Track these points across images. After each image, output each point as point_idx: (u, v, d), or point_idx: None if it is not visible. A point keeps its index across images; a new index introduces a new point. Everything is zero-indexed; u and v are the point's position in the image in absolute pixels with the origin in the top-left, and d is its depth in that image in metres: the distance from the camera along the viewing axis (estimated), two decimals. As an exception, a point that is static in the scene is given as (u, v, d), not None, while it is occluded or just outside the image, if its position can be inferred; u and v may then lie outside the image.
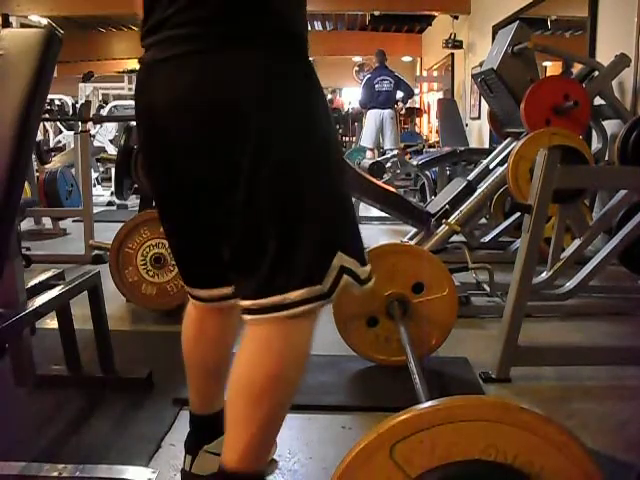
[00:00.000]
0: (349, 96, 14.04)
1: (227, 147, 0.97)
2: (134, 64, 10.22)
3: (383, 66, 8.02)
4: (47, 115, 6.14)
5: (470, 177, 3.93)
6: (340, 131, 10.48)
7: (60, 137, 8.15)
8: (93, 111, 7.03)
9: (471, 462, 0.86)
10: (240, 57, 0.96)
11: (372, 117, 7.83)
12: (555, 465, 0.85)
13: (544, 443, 0.85)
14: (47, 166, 5.75)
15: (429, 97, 11.42)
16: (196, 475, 1.28)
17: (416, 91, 11.21)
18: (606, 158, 3.80)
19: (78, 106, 6.83)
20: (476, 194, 3.56)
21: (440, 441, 0.85)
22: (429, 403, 0.89)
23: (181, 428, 1.70)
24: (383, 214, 3.86)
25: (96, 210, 5.01)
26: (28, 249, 3.76)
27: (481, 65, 3.99)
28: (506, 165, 3.10)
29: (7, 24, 5.57)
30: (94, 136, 7.37)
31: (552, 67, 6.47)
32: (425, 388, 1.48)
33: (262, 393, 1.00)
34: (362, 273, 1.04)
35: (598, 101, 3.71)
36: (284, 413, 1.06)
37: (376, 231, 4.96)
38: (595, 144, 3.96)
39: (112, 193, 6.36)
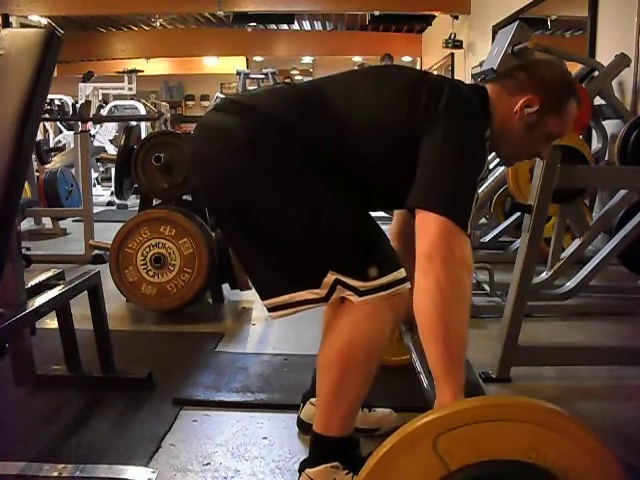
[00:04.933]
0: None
1: None
2: (134, 64, 10.22)
3: None
4: (47, 115, 6.13)
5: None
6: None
7: (60, 137, 8.14)
8: (93, 111, 7.03)
9: (510, 462, 0.86)
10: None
11: None
12: (592, 478, 0.86)
13: (586, 455, 0.86)
14: (47, 166, 5.75)
15: (429, 97, 11.42)
16: (302, 420, 1.66)
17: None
18: (606, 158, 3.80)
19: (78, 106, 6.83)
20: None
21: (483, 438, 0.86)
22: (478, 399, 0.90)
23: (181, 428, 1.71)
24: (383, 214, 3.86)
25: (96, 210, 5.01)
26: (28, 249, 3.76)
27: (481, 65, 3.99)
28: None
29: (7, 24, 5.56)
30: (94, 136, 7.36)
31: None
32: (434, 387, 1.48)
33: (327, 365, 1.28)
34: (360, 286, 1.20)
35: (598, 101, 3.71)
36: (349, 390, 1.27)
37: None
38: (595, 144, 3.96)
39: (112, 193, 6.36)
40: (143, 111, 7.91)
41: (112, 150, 7.14)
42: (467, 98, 1.29)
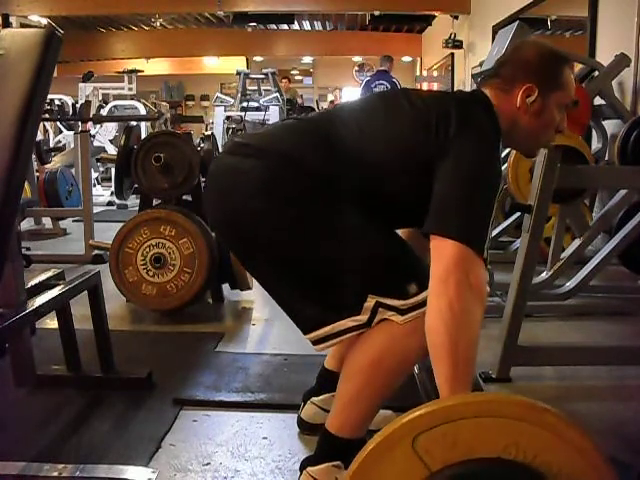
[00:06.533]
0: (349, 95, 14.04)
1: None
2: (134, 64, 10.22)
3: (383, 71, 8.02)
4: (47, 115, 6.13)
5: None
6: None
7: (60, 137, 8.13)
8: (93, 111, 7.03)
9: (491, 460, 0.86)
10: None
11: None
12: (573, 469, 0.85)
13: (565, 446, 0.85)
14: (47, 166, 5.74)
15: (429, 97, 11.42)
16: (302, 419, 1.66)
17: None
18: (606, 158, 3.79)
19: (78, 106, 6.82)
20: (476, 194, 3.54)
21: (463, 436, 0.86)
22: (455, 397, 0.89)
23: (181, 428, 1.71)
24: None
25: (96, 210, 5.01)
26: (28, 249, 3.76)
27: (481, 65, 3.99)
28: (506, 165, 3.10)
29: (7, 24, 5.57)
30: (94, 136, 7.35)
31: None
32: (430, 386, 1.49)
33: (355, 371, 1.26)
34: (401, 305, 1.20)
35: (598, 101, 3.71)
36: (373, 395, 1.27)
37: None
38: (595, 144, 3.96)
39: (112, 193, 6.36)
40: (143, 111, 7.91)
41: (112, 150, 7.13)
42: (476, 115, 1.29)
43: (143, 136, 3.31)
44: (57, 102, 8.39)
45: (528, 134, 1.39)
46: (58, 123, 8.42)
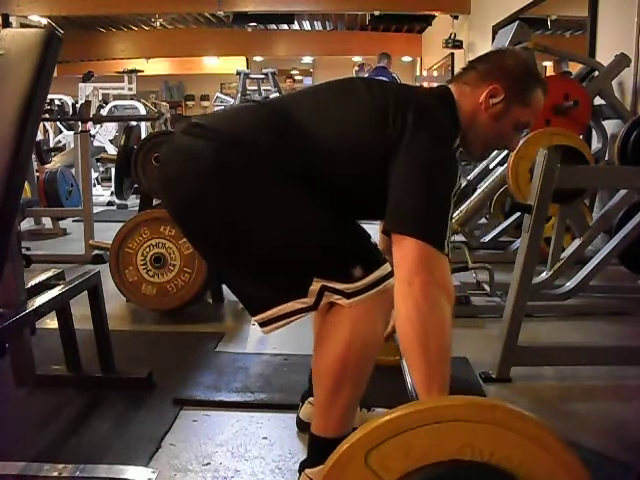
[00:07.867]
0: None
1: None
2: (134, 64, 10.22)
3: (382, 67, 8.02)
4: (47, 115, 6.13)
5: (470, 177, 3.93)
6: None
7: (60, 137, 8.13)
8: (93, 111, 7.03)
9: (448, 463, 0.85)
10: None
11: None
12: (533, 459, 0.85)
13: (519, 438, 0.85)
14: (47, 166, 5.75)
15: (429, 97, 11.42)
16: (301, 419, 1.67)
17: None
18: (606, 158, 3.80)
19: (78, 106, 6.83)
20: (476, 194, 3.56)
21: (415, 444, 0.85)
22: (401, 408, 0.89)
23: (181, 428, 1.71)
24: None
25: (96, 210, 5.01)
26: (28, 249, 3.76)
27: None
28: (506, 165, 3.10)
29: (7, 24, 5.57)
30: (94, 136, 7.35)
31: (552, 67, 6.47)
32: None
33: (324, 371, 1.27)
34: (346, 289, 1.19)
35: (598, 101, 3.71)
36: (346, 391, 1.26)
37: (376, 230, 4.95)
38: (595, 144, 3.96)
39: (112, 193, 6.36)
40: (143, 111, 7.91)
41: (112, 150, 7.13)
42: (434, 110, 1.28)
43: (143, 136, 3.32)
44: (57, 102, 8.39)
45: (481, 134, 1.38)
46: (58, 123, 8.42)
